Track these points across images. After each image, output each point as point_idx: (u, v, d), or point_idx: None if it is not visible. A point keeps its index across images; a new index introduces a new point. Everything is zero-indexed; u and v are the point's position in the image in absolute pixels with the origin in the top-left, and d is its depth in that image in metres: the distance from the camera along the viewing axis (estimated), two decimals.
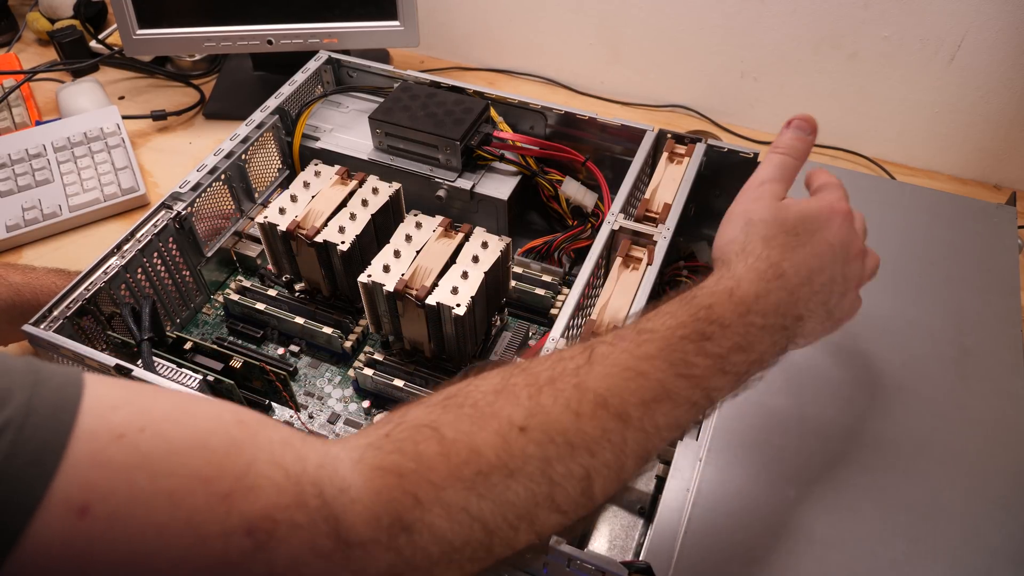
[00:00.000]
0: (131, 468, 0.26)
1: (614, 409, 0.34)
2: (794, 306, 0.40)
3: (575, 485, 0.33)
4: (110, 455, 0.26)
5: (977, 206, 0.63)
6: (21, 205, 0.84)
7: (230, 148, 0.71)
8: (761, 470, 0.46)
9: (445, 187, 0.72)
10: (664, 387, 0.35)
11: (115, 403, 0.28)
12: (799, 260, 0.40)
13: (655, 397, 0.35)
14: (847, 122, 0.94)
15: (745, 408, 0.49)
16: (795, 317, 0.40)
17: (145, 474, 0.26)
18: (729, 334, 0.37)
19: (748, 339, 0.38)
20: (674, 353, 0.36)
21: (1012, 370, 0.51)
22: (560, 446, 0.33)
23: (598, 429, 0.34)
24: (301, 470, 0.30)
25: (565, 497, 0.33)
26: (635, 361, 0.35)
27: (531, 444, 0.33)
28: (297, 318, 0.67)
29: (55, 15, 1.14)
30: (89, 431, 0.26)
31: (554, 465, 0.33)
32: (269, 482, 0.28)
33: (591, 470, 0.33)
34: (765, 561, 0.42)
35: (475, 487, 0.31)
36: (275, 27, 0.91)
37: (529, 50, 1.07)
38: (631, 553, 0.56)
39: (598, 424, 0.34)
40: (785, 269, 0.40)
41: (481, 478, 0.32)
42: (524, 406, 0.33)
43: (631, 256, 0.60)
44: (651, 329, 0.37)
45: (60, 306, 0.58)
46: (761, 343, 0.38)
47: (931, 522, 0.44)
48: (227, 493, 0.27)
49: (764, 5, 0.88)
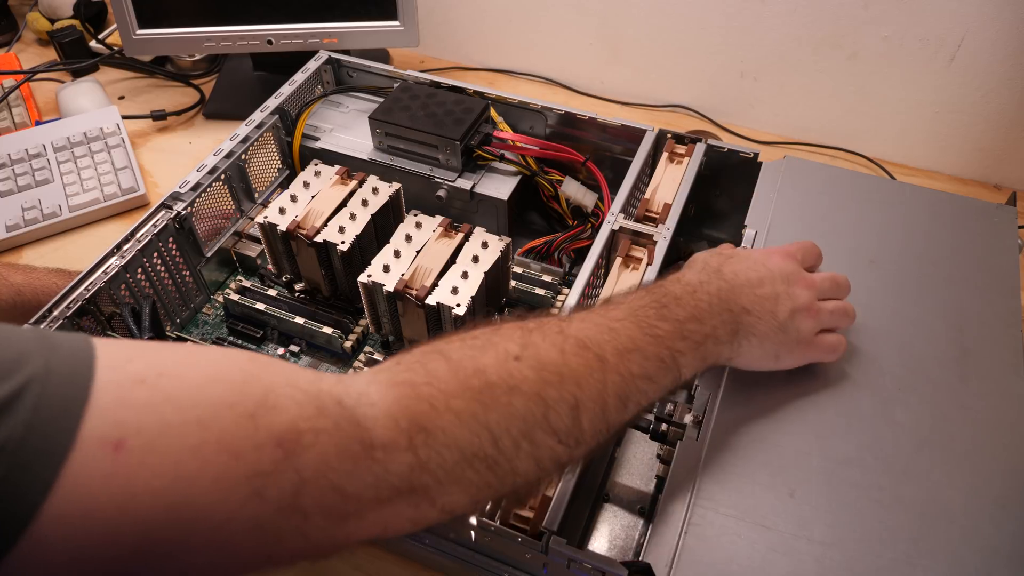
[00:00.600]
0: (157, 404, 0.27)
1: (593, 352, 0.39)
2: (736, 296, 0.46)
3: (566, 411, 0.37)
4: (135, 396, 0.27)
5: (977, 206, 0.63)
6: (21, 205, 0.84)
7: (230, 148, 0.71)
8: (761, 470, 0.46)
9: (445, 187, 0.72)
10: (634, 341, 0.40)
11: (129, 356, 0.29)
12: (736, 268, 0.48)
13: (627, 347, 0.40)
14: (847, 122, 0.94)
15: (745, 408, 0.49)
16: (741, 307, 0.46)
17: (171, 407, 0.28)
18: (683, 305, 0.44)
19: (699, 312, 0.44)
20: (639, 318, 0.42)
21: (1012, 370, 0.51)
22: (551, 374, 0.37)
23: (582, 365, 0.38)
24: (318, 389, 0.32)
25: (558, 421, 0.36)
26: (607, 321, 0.41)
27: (526, 368, 0.36)
28: (297, 318, 0.67)
29: (55, 15, 1.14)
30: (110, 380, 0.27)
31: (547, 389, 0.36)
32: (290, 400, 0.30)
33: (579, 400, 0.37)
34: (765, 561, 0.42)
35: (481, 397, 0.35)
36: (275, 27, 0.91)
37: (529, 50, 1.06)
38: (631, 553, 0.56)
39: (581, 361, 0.38)
40: (724, 271, 0.47)
41: (487, 389, 0.35)
42: (517, 341, 0.38)
43: (631, 256, 0.60)
44: (616, 303, 0.43)
45: (60, 306, 0.58)
46: (711, 318, 0.44)
47: (931, 522, 0.44)
48: (251, 413, 0.29)
49: (764, 5, 0.88)
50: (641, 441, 0.63)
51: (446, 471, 0.33)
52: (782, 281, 0.48)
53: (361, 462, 0.31)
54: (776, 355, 0.48)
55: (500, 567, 0.50)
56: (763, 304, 0.46)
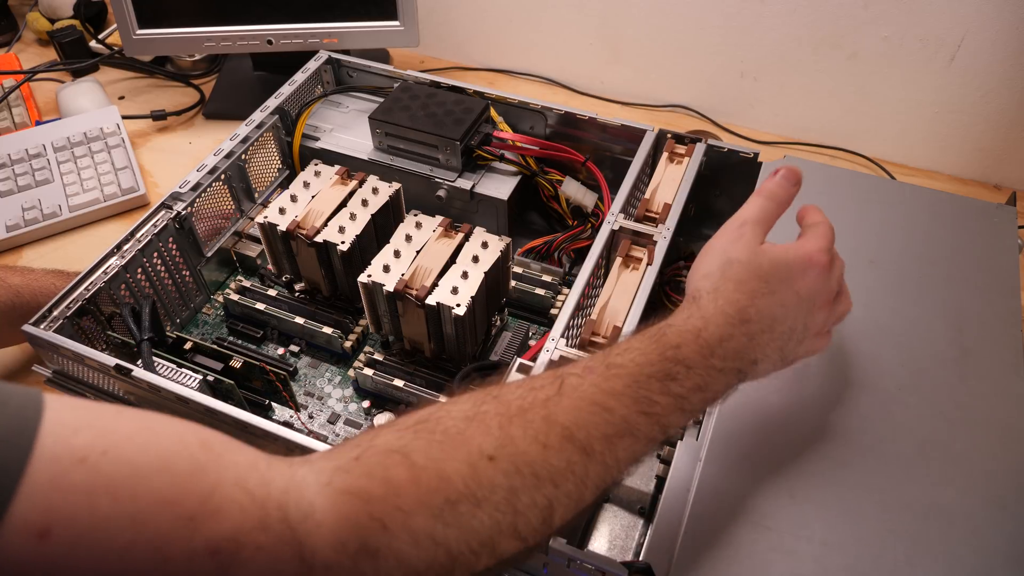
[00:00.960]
0: (93, 491, 0.26)
1: (580, 443, 0.35)
2: (752, 351, 0.42)
3: (537, 515, 0.34)
4: (72, 479, 0.26)
5: (977, 206, 0.63)
6: (21, 205, 0.84)
7: (230, 148, 0.71)
8: (761, 470, 0.46)
9: (445, 187, 0.72)
10: (627, 423, 0.37)
11: (76, 425, 0.27)
12: (764, 307, 0.42)
13: (618, 432, 0.36)
14: (847, 122, 0.94)
15: (745, 408, 0.49)
16: (751, 361, 0.42)
17: (108, 497, 0.26)
18: (692, 375, 0.39)
19: (707, 380, 0.40)
20: (640, 391, 0.38)
21: (1012, 370, 0.51)
22: (527, 477, 0.34)
23: (563, 462, 0.35)
24: (266, 494, 0.30)
25: (527, 526, 0.34)
26: (602, 396, 0.37)
27: (499, 474, 0.33)
28: (297, 318, 0.67)
29: (55, 15, 1.14)
30: (50, 454, 0.26)
31: (520, 495, 0.34)
32: (234, 505, 0.28)
33: (553, 500, 0.34)
34: (765, 561, 0.42)
35: (442, 515, 0.32)
36: (275, 27, 0.91)
37: (529, 50, 1.06)
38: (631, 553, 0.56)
39: (564, 457, 0.35)
40: (751, 315, 0.41)
41: (449, 506, 0.32)
42: (494, 436, 0.34)
43: (631, 256, 0.60)
44: (620, 364, 0.38)
45: (60, 306, 0.58)
46: (717, 383, 0.40)
47: (931, 522, 0.44)
48: (191, 515, 0.27)
49: (764, 5, 0.88)
50: None
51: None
52: (806, 310, 0.44)
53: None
54: (769, 371, 0.45)
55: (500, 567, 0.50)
56: (774, 344, 0.43)
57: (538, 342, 0.67)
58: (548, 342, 0.53)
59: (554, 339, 0.53)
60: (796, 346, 0.44)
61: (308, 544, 0.30)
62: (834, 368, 0.51)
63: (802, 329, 0.44)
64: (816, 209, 0.49)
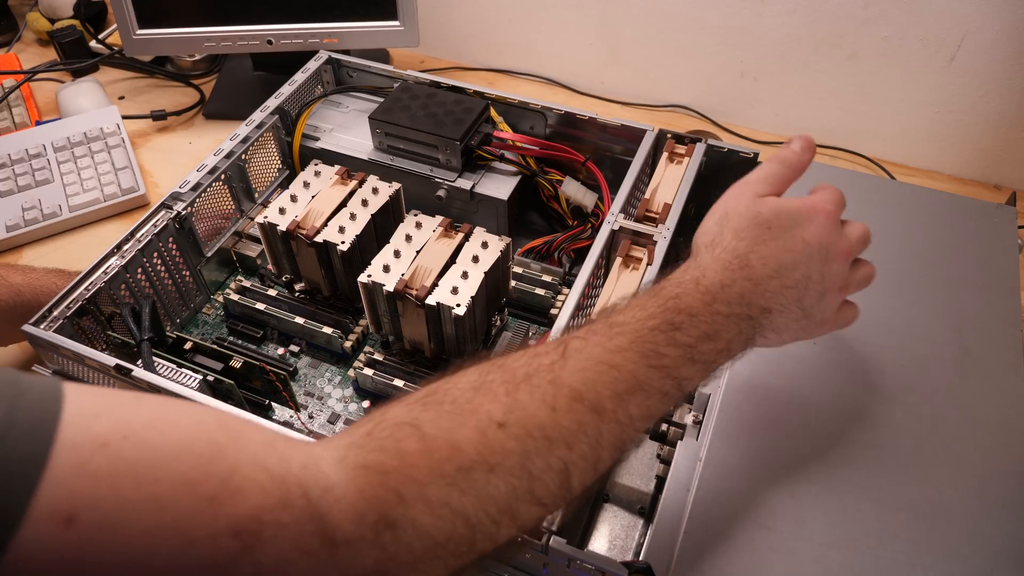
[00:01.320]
0: (116, 476, 0.26)
1: (589, 403, 0.35)
2: (760, 297, 0.40)
3: (554, 478, 0.34)
4: (94, 464, 0.26)
5: (977, 206, 0.63)
6: (21, 205, 0.84)
7: (230, 148, 0.71)
8: (761, 470, 0.46)
9: (445, 187, 0.72)
10: (636, 378, 0.36)
11: (96, 412, 0.27)
12: (767, 253, 0.41)
13: (628, 389, 0.36)
14: (847, 122, 0.94)
15: (745, 408, 0.49)
16: (762, 308, 0.40)
17: (130, 481, 0.26)
18: (697, 323, 0.38)
19: (715, 327, 0.39)
20: (645, 344, 0.37)
21: (1012, 370, 0.51)
22: (538, 440, 0.34)
23: (574, 423, 0.34)
24: (285, 471, 0.30)
25: (544, 490, 0.34)
26: (608, 354, 0.36)
27: (510, 439, 0.33)
28: (297, 318, 0.67)
29: (55, 15, 1.14)
30: (71, 441, 0.26)
31: (533, 459, 0.33)
32: (254, 484, 0.29)
33: (569, 463, 0.34)
34: (765, 561, 0.42)
35: (457, 483, 0.32)
36: (275, 27, 0.91)
37: (529, 50, 1.06)
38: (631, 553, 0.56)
39: (574, 418, 0.35)
40: (751, 260, 0.40)
41: (462, 474, 0.32)
42: (502, 402, 0.34)
43: (631, 256, 0.60)
44: (622, 322, 0.38)
45: (60, 306, 0.58)
46: (727, 331, 0.39)
47: (931, 522, 0.44)
48: (213, 496, 0.28)
49: (764, 5, 0.88)
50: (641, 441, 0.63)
51: (416, 558, 0.31)
52: (819, 259, 0.42)
53: (323, 559, 0.30)
54: (789, 339, 0.43)
55: (500, 567, 0.50)
56: (788, 294, 0.41)
57: (538, 342, 0.67)
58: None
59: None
60: (818, 300, 0.42)
61: (329, 519, 0.30)
62: (834, 368, 0.51)
63: (819, 279, 0.42)
64: (827, 184, 0.47)
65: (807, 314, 0.42)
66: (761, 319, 0.41)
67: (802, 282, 0.41)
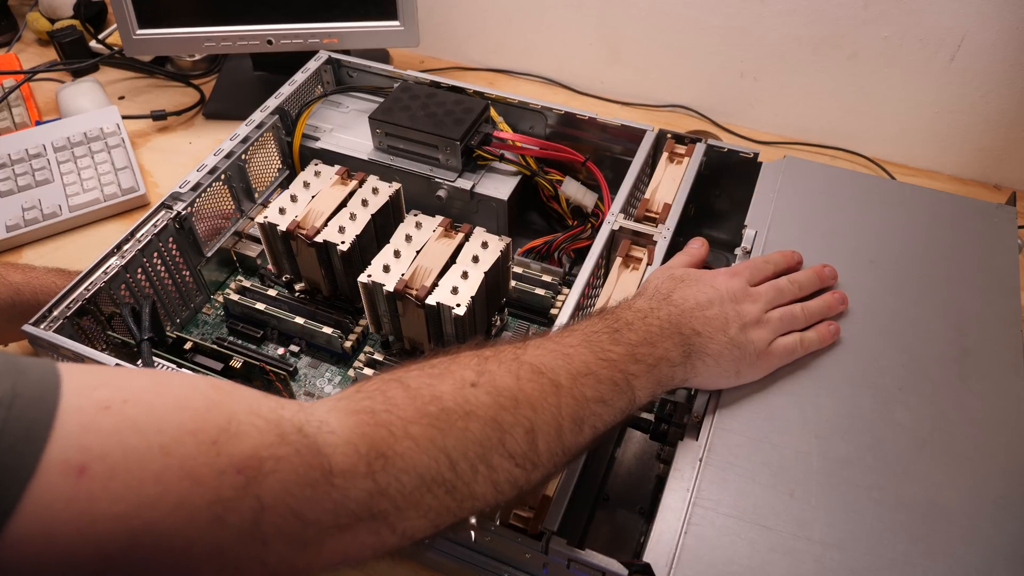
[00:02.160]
0: (121, 431, 0.28)
1: (548, 378, 0.40)
2: (687, 320, 0.48)
3: (522, 435, 0.38)
4: (99, 422, 0.28)
5: (977, 206, 0.63)
6: (21, 205, 0.84)
7: (230, 148, 0.71)
8: (761, 469, 0.46)
9: (445, 187, 0.72)
10: (588, 366, 0.42)
11: (95, 383, 0.29)
12: (686, 294, 0.50)
13: (581, 372, 0.41)
14: (847, 122, 0.94)
15: (745, 408, 0.49)
16: (691, 329, 0.47)
17: (135, 434, 0.28)
18: (635, 329, 0.45)
19: (650, 336, 0.45)
20: (592, 343, 0.43)
21: (1012, 370, 0.51)
22: (506, 399, 0.38)
23: (536, 390, 0.39)
24: (279, 416, 0.32)
25: (514, 445, 0.38)
26: (561, 347, 0.42)
27: (482, 394, 0.38)
28: (297, 318, 0.67)
29: (55, 15, 1.14)
30: (75, 406, 0.27)
31: (502, 414, 0.38)
32: (251, 427, 0.31)
33: (534, 423, 0.38)
34: (765, 561, 0.42)
35: (438, 422, 0.36)
36: (275, 27, 0.91)
37: (529, 50, 1.06)
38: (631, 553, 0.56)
39: (536, 386, 0.39)
40: (673, 298, 0.49)
41: (444, 415, 0.36)
42: (474, 369, 0.39)
43: (631, 256, 0.60)
44: (571, 329, 0.45)
45: (60, 306, 0.58)
46: (663, 341, 0.46)
47: (931, 522, 0.44)
48: (214, 440, 0.30)
49: (764, 5, 0.88)
50: (641, 441, 0.63)
51: (405, 496, 0.34)
52: (730, 300, 0.50)
53: (321, 488, 0.31)
54: (736, 371, 0.49)
55: (500, 567, 0.50)
56: (712, 324, 0.48)
57: None
58: None
59: None
60: (741, 331, 0.49)
61: (325, 450, 0.32)
62: (834, 368, 0.51)
63: (736, 316, 0.49)
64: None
65: (736, 344, 0.48)
66: (693, 338, 0.47)
67: (720, 316, 0.49)
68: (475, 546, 0.49)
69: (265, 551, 0.30)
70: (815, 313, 0.53)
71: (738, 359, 0.48)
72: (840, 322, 0.54)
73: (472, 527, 0.46)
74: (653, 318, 0.47)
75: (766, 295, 0.52)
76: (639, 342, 0.45)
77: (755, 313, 0.50)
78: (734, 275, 0.52)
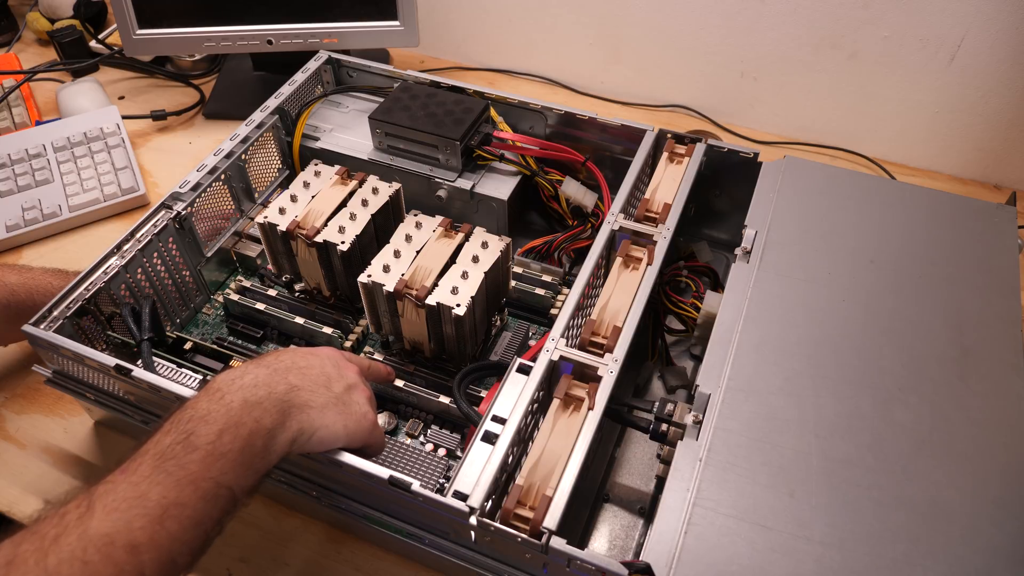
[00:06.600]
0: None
1: (122, 543, 0.36)
2: (281, 377, 0.45)
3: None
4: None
5: (977, 206, 0.63)
6: (21, 205, 0.84)
7: (230, 148, 0.71)
8: (761, 470, 0.46)
9: (445, 187, 0.72)
10: (166, 499, 0.38)
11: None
12: (283, 358, 0.48)
13: (160, 513, 0.38)
14: (847, 122, 0.94)
15: (745, 408, 0.49)
16: (289, 385, 0.45)
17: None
18: (212, 419, 0.41)
19: (232, 416, 0.42)
20: (167, 465, 0.39)
21: (1012, 370, 0.51)
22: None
23: (111, 568, 0.36)
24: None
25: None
26: (133, 488, 0.38)
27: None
28: (297, 318, 0.67)
29: (55, 15, 1.14)
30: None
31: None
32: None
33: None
34: (765, 561, 0.42)
35: None
36: (275, 27, 0.91)
37: (529, 50, 1.06)
38: (631, 553, 0.56)
39: (110, 563, 0.36)
40: (265, 360, 0.47)
41: None
42: (33, 574, 0.35)
43: (631, 256, 0.60)
44: (143, 451, 0.40)
45: (60, 306, 0.58)
46: (251, 415, 0.42)
47: (931, 522, 0.44)
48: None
49: (764, 5, 0.88)
50: (641, 441, 0.63)
51: None
52: (331, 363, 0.50)
53: None
54: (344, 425, 0.47)
55: (500, 567, 0.50)
56: (313, 378, 0.47)
57: (538, 342, 0.67)
58: (548, 342, 0.53)
59: (554, 339, 0.53)
60: (346, 391, 0.49)
61: None
62: (834, 368, 0.51)
63: (339, 376, 0.49)
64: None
65: (341, 400, 0.48)
66: (291, 394, 0.45)
67: (323, 374, 0.48)
68: (475, 546, 0.49)
69: None
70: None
71: (346, 415, 0.47)
72: (840, 322, 0.54)
73: (472, 527, 0.46)
74: (235, 391, 0.43)
75: (360, 363, 0.54)
76: (220, 431, 0.41)
77: (357, 379, 0.51)
78: (307, 353, 0.50)
